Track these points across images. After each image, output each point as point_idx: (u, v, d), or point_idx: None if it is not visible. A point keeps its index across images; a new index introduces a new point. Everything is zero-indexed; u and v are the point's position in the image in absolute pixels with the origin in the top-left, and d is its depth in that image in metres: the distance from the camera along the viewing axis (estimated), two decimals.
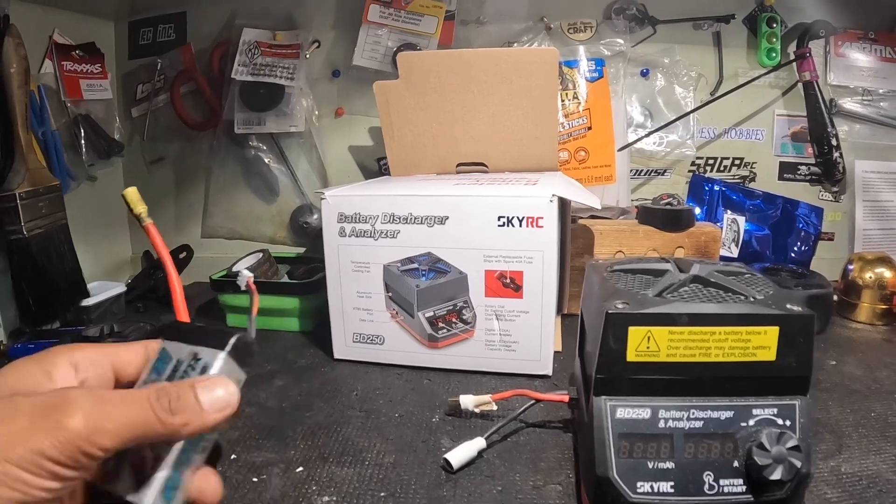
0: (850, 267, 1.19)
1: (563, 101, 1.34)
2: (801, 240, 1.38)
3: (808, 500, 0.61)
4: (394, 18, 1.36)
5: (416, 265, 0.92)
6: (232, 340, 0.44)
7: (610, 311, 0.53)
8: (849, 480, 0.65)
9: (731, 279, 0.61)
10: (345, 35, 1.41)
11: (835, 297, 1.18)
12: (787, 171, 1.43)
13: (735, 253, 1.37)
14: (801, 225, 1.38)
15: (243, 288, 0.56)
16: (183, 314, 0.67)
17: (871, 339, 1.09)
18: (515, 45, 1.37)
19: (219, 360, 0.43)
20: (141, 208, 0.70)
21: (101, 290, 1.20)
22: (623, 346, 0.53)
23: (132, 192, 0.69)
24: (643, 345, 0.52)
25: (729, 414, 0.53)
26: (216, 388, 0.41)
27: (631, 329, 0.52)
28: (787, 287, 1.08)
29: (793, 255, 1.38)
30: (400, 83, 1.14)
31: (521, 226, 0.86)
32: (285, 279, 1.25)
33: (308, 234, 1.49)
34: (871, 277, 1.15)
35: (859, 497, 0.62)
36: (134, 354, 0.47)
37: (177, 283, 0.68)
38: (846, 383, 0.90)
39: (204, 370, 0.43)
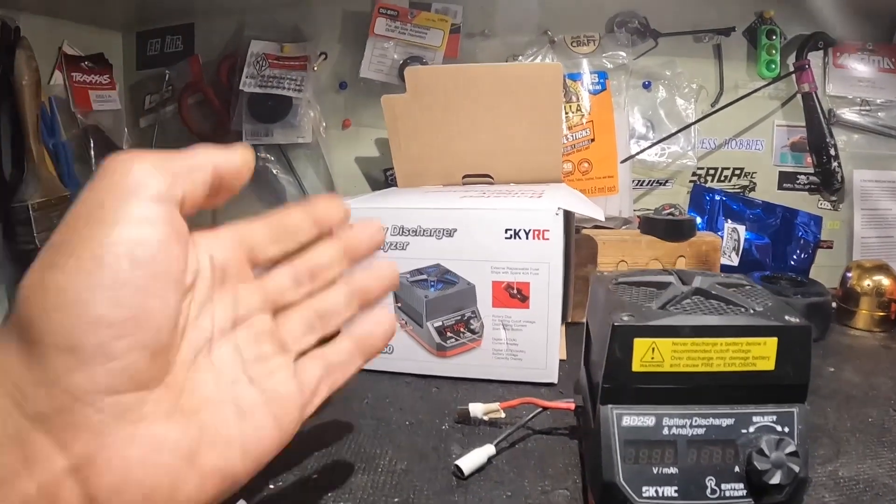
0: (849, 275, 1.20)
1: (566, 113, 1.36)
2: (800, 248, 1.40)
3: (806, 503, 0.63)
4: (400, 32, 1.38)
5: (424, 276, 0.93)
6: None
7: (616, 324, 0.55)
8: (846, 484, 0.67)
9: (731, 291, 0.63)
10: (351, 47, 1.43)
11: (833, 305, 1.19)
12: (786, 180, 1.44)
13: (735, 262, 1.38)
14: (800, 233, 1.39)
15: None
16: None
17: (869, 346, 1.10)
18: (520, 57, 1.39)
19: None
20: None
21: None
22: (629, 356, 0.55)
23: None
24: (648, 355, 0.54)
25: (730, 421, 0.55)
26: None
27: (636, 340, 0.54)
28: (786, 295, 1.09)
29: (792, 263, 1.40)
30: (407, 97, 1.16)
31: (527, 238, 0.88)
32: None
33: None
34: (869, 285, 1.16)
35: (856, 500, 0.64)
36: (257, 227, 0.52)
37: None
38: (844, 390, 0.91)
39: None
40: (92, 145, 1.37)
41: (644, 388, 0.56)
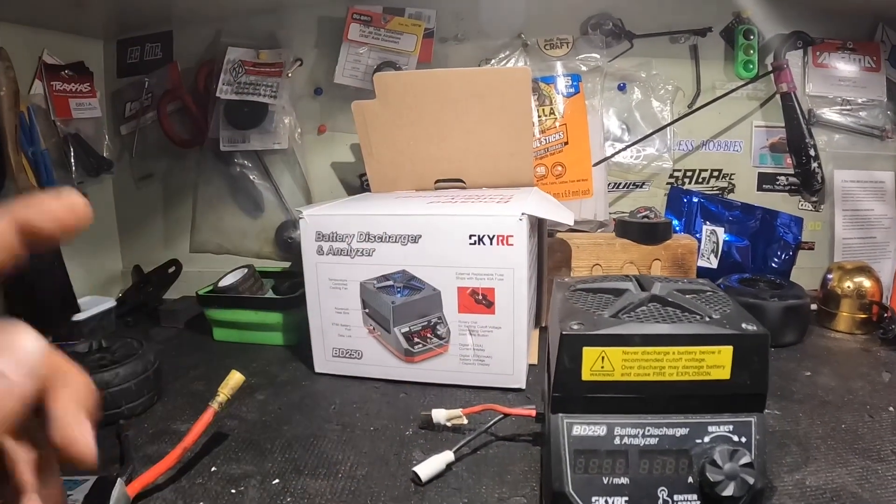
0: (829, 276, 1.20)
1: (539, 116, 1.35)
2: (780, 249, 1.39)
3: None
4: (374, 37, 1.37)
5: (391, 282, 0.93)
6: None
7: (564, 332, 0.53)
8: (812, 494, 0.66)
9: (690, 298, 0.61)
10: (327, 53, 1.42)
11: (813, 307, 1.18)
12: (765, 181, 1.43)
13: (714, 264, 1.37)
14: (780, 234, 1.39)
15: None
16: None
17: (848, 349, 1.09)
18: (493, 61, 1.38)
19: None
20: (224, 397, 0.77)
21: (93, 304, 1.22)
22: (578, 365, 0.53)
23: (239, 380, 0.78)
24: (597, 364, 0.53)
25: (684, 431, 0.54)
26: None
27: (585, 349, 0.53)
28: (763, 298, 1.08)
29: (773, 265, 1.39)
30: (377, 103, 1.16)
31: (491, 244, 0.87)
32: (270, 294, 1.26)
33: (293, 249, 1.49)
34: (849, 287, 1.16)
35: None
36: None
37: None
38: (819, 394, 0.91)
39: None
40: (71, 153, 1.37)
41: (595, 397, 0.54)
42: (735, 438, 0.54)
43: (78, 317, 1.17)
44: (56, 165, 1.32)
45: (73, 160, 1.37)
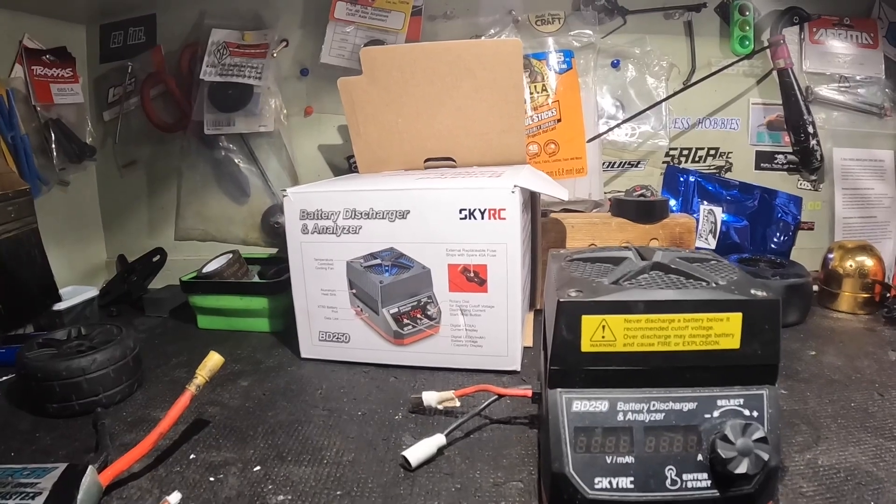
0: (830, 256, 1.17)
1: (531, 93, 1.32)
2: (780, 230, 1.36)
3: (782, 493, 0.59)
4: (361, 15, 1.34)
5: (378, 261, 0.90)
6: None
7: (562, 300, 0.50)
8: (826, 473, 0.63)
9: (694, 265, 0.58)
10: (313, 33, 1.39)
11: (815, 287, 1.16)
12: (763, 160, 1.40)
13: (713, 244, 1.34)
14: (779, 215, 1.36)
15: None
16: None
17: (852, 329, 1.07)
18: (483, 38, 1.35)
19: None
20: (202, 379, 0.73)
21: (74, 294, 1.20)
22: (577, 335, 0.50)
23: (218, 361, 0.74)
24: (598, 334, 0.50)
25: (692, 405, 0.51)
26: None
27: (584, 318, 0.50)
28: (764, 277, 1.06)
29: (773, 245, 1.36)
30: (363, 79, 1.12)
31: (483, 218, 0.84)
32: (256, 280, 1.23)
33: (279, 234, 1.46)
34: (851, 266, 1.13)
35: (836, 490, 0.60)
36: None
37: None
38: (826, 373, 0.88)
39: None
40: (52, 139, 1.33)
41: (596, 370, 0.51)
42: (746, 413, 0.51)
43: (59, 306, 1.14)
44: (37, 151, 1.29)
45: (53, 146, 1.33)
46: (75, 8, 1.42)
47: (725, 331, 0.50)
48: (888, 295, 1.11)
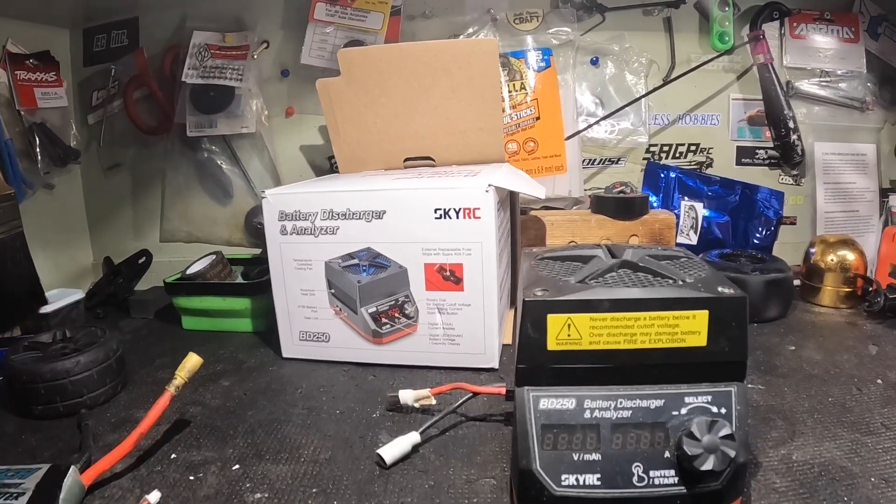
0: (812, 250, 1.17)
1: (510, 92, 1.32)
2: (762, 225, 1.36)
3: (754, 489, 0.59)
4: (340, 16, 1.34)
5: (356, 261, 0.90)
6: None
7: (527, 299, 0.50)
8: (799, 469, 0.63)
9: (663, 263, 0.58)
10: (293, 34, 1.39)
11: (797, 282, 1.16)
12: (744, 155, 1.41)
13: (694, 240, 1.34)
14: (761, 210, 1.36)
15: None
16: None
17: (833, 323, 1.07)
18: (461, 37, 1.35)
19: None
20: (181, 380, 0.73)
21: (61, 297, 1.20)
22: (543, 334, 0.50)
23: (196, 362, 0.74)
24: (564, 333, 0.50)
25: (659, 402, 0.51)
26: None
27: (550, 317, 0.50)
28: (745, 272, 1.06)
29: (755, 240, 1.36)
30: (342, 80, 1.12)
31: (457, 217, 0.84)
32: (239, 280, 1.23)
33: (263, 235, 1.45)
34: (833, 260, 1.13)
35: (810, 486, 0.60)
36: None
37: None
38: (805, 368, 0.88)
39: None
40: (37, 143, 1.33)
41: (562, 368, 0.51)
42: (714, 410, 0.51)
43: (45, 309, 1.14)
44: (21, 155, 1.29)
45: (38, 150, 1.33)
46: (59, 12, 1.42)
47: (692, 328, 0.50)
48: (870, 289, 1.11)
